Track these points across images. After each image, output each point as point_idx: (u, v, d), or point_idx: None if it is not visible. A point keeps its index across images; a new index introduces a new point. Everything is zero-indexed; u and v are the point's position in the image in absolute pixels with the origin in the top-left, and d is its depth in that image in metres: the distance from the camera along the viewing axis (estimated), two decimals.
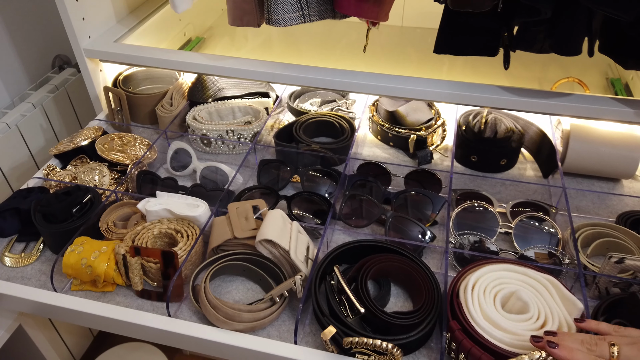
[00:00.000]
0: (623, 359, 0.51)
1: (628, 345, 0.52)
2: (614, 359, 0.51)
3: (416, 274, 0.70)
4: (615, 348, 0.51)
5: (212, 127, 0.96)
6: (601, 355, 0.52)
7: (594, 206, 0.85)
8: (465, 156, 0.94)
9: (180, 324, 0.67)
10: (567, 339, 0.55)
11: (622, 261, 0.65)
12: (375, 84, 0.91)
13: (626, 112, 0.81)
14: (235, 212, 0.77)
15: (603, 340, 0.53)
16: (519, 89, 0.87)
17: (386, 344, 0.59)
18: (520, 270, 0.67)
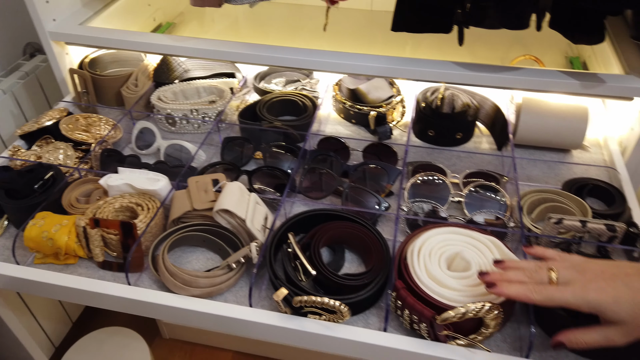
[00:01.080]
0: (562, 282, 0.53)
1: (567, 269, 0.54)
2: (553, 283, 0.54)
3: (368, 239, 0.73)
4: (553, 273, 0.54)
5: (176, 106, 0.98)
6: (541, 281, 0.55)
7: (543, 175, 0.88)
8: (423, 131, 0.97)
9: (139, 291, 0.69)
10: (510, 272, 0.58)
11: (561, 222, 0.69)
12: (337, 62, 0.93)
13: (573, 84, 0.85)
14: (195, 185, 0.79)
15: (544, 266, 0.56)
16: (474, 64, 0.90)
17: (334, 302, 0.61)
18: (465, 232, 0.70)
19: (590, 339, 0.53)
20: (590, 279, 0.52)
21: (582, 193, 0.81)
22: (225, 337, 1.58)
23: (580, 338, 0.54)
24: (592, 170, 0.88)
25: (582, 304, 0.52)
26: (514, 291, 0.54)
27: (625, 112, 0.92)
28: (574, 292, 0.52)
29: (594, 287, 0.51)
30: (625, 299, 0.50)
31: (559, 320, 0.62)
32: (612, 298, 0.50)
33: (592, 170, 0.88)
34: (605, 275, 0.52)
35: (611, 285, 0.51)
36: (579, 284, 0.52)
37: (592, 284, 0.52)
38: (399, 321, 0.66)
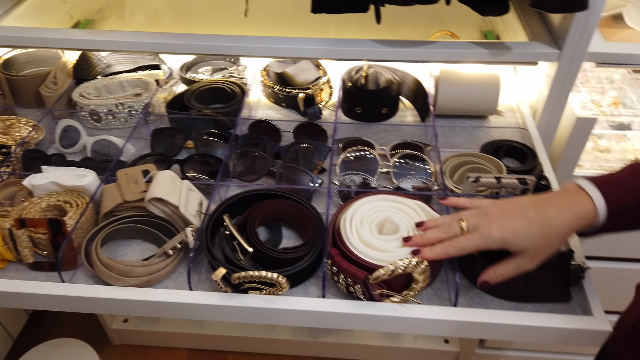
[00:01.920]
0: (471, 229, 0.59)
1: (474, 216, 0.60)
2: (464, 232, 0.59)
3: (303, 214, 0.75)
4: (463, 222, 0.59)
5: (100, 102, 0.96)
6: (454, 234, 0.60)
7: (463, 141, 0.94)
8: (350, 109, 1.00)
9: (74, 287, 0.68)
10: (429, 232, 0.63)
11: (478, 180, 0.74)
12: (262, 46, 0.94)
13: (483, 53, 0.90)
14: (125, 177, 0.78)
15: (456, 218, 0.61)
16: (393, 41, 0.94)
17: (271, 274, 0.63)
18: (394, 199, 0.74)
19: (505, 271, 0.59)
20: (493, 219, 0.58)
21: (499, 154, 0.87)
22: (178, 337, 1.57)
23: (498, 272, 0.60)
24: (507, 133, 0.95)
25: (490, 244, 0.57)
26: (434, 253, 0.60)
27: (533, 77, 1.00)
28: (481, 235, 0.58)
29: (496, 227, 0.57)
30: (523, 230, 0.56)
31: (477, 265, 0.67)
32: (512, 232, 0.56)
33: (507, 132, 0.95)
34: (505, 214, 0.58)
35: (510, 221, 0.57)
36: (484, 227, 0.58)
37: (494, 223, 0.57)
38: (337, 287, 0.68)
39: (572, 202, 0.56)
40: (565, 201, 0.57)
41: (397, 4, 0.91)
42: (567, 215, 0.56)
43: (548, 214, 0.56)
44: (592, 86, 1.20)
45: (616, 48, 0.89)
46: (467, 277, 0.70)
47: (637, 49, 0.89)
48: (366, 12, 0.92)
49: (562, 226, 0.56)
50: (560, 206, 0.56)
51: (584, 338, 0.63)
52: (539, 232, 0.56)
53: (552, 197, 0.58)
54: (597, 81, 1.21)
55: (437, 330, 0.65)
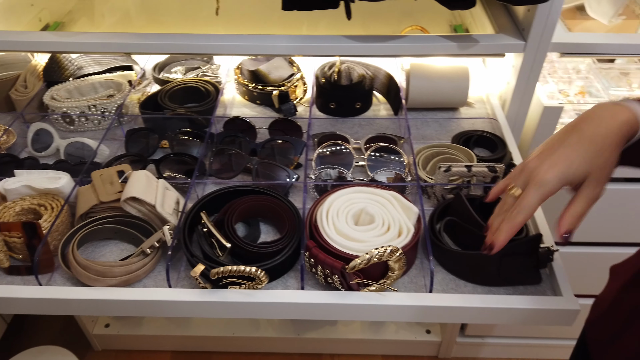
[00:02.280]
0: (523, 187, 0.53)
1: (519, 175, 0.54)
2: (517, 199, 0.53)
3: (280, 209, 0.76)
4: (513, 190, 0.54)
5: (71, 104, 0.95)
6: (510, 206, 0.54)
7: (435, 132, 0.96)
8: (324, 104, 1.01)
9: (52, 290, 0.68)
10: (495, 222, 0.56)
11: (449, 169, 0.76)
12: (235, 44, 0.94)
13: (451, 46, 0.92)
14: (100, 178, 0.78)
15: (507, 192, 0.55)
16: (364, 36, 0.95)
17: (250, 268, 0.64)
18: (368, 190, 0.75)
19: (579, 208, 0.53)
20: (539, 164, 0.52)
21: (469, 144, 0.89)
22: (161, 339, 1.56)
23: (574, 213, 0.53)
24: (478, 123, 0.97)
25: (550, 188, 0.52)
26: (503, 234, 0.54)
27: (501, 68, 1.02)
28: (536, 185, 0.52)
29: (545, 169, 0.52)
30: (575, 157, 0.51)
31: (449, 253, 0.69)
32: (565, 165, 0.51)
33: (478, 123, 0.97)
34: (547, 153, 0.53)
35: (558, 156, 0.52)
36: (534, 177, 0.52)
37: (542, 167, 0.52)
38: (315, 279, 0.69)
39: (611, 112, 0.52)
40: (603, 112, 0.53)
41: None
42: (610, 123, 0.52)
43: (590, 130, 0.52)
44: (559, 76, 1.23)
45: (579, 38, 0.92)
46: (441, 264, 0.72)
47: (598, 38, 0.92)
48: (337, 8, 0.94)
49: (609, 135, 0.51)
50: (599, 118, 0.52)
51: (555, 318, 0.65)
52: (590, 150, 0.51)
53: (587, 114, 0.54)
54: (564, 71, 1.25)
55: (414, 317, 0.67)
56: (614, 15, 0.99)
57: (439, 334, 1.55)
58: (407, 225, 0.70)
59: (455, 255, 0.70)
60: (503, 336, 1.51)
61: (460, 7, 0.93)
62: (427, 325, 1.56)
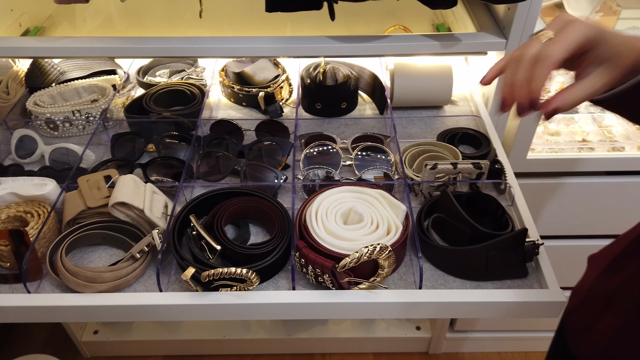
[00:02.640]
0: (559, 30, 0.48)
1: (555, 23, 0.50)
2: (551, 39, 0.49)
3: (269, 210, 0.76)
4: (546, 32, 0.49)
5: (55, 109, 0.94)
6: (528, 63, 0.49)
7: (421, 131, 0.97)
8: (310, 105, 1.02)
9: (41, 297, 0.67)
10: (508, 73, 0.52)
11: (435, 167, 0.77)
12: (219, 46, 0.94)
13: (434, 45, 0.93)
14: (86, 184, 0.77)
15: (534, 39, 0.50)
16: (348, 36, 0.96)
17: (240, 270, 0.64)
18: (356, 189, 0.76)
19: (584, 92, 0.49)
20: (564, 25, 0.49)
21: (454, 141, 0.90)
22: (151, 344, 1.55)
23: (574, 96, 0.49)
24: (462, 121, 0.98)
25: (590, 33, 0.48)
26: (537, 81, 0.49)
27: (484, 66, 1.04)
28: (579, 25, 0.48)
29: (587, 23, 0.48)
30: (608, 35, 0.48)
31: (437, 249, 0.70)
32: (597, 28, 0.48)
33: (462, 120, 0.99)
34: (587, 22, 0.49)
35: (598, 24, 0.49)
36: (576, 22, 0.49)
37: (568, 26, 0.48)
38: (306, 279, 0.70)
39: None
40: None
41: (349, 0, 0.93)
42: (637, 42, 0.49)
43: (623, 34, 0.49)
44: None
45: None
46: (430, 260, 0.73)
47: None
48: (320, 9, 0.94)
49: (632, 40, 0.48)
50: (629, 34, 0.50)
51: (541, 310, 0.67)
52: (621, 40, 0.48)
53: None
54: None
55: (405, 313, 0.68)
56: (592, 12, 1.01)
57: (429, 330, 1.56)
58: (396, 223, 0.71)
59: (444, 251, 0.71)
60: (491, 330, 1.53)
61: (442, 6, 0.94)
62: (417, 322, 1.57)
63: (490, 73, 0.57)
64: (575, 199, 1.14)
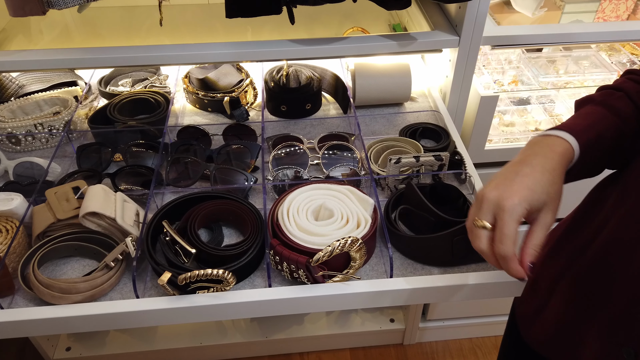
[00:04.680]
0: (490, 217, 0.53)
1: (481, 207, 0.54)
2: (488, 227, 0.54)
3: (241, 211, 0.78)
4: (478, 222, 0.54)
5: (16, 124, 0.93)
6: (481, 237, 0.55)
7: (384, 127, 1.01)
8: (276, 107, 1.04)
9: (15, 312, 0.67)
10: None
11: (399, 161, 0.80)
12: (181, 53, 0.95)
13: (391, 44, 0.97)
14: (55, 196, 0.77)
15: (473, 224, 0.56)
16: (309, 39, 0.98)
17: (217, 271, 0.66)
18: (325, 187, 0.79)
19: (540, 238, 0.55)
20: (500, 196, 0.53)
21: (416, 135, 0.94)
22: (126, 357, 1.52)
23: (534, 245, 0.54)
24: (422, 116, 1.03)
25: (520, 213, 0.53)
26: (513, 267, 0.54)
27: (440, 63, 1.08)
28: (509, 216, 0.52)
29: (511, 197, 0.53)
30: (532, 185, 0.53)
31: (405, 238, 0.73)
32: (528, 192, 0.52)
33: (422, 116, 1.03)
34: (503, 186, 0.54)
35: (517, 187, 0.53)
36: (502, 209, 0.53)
37: (506, 197, 0.53)
38: (282, 276, 0.72)
39: (550, 145, 0.56)
40: (543, 148, 0.56)
41: (307, 4, 0.95)
42: (554, 156, 0.55)
43: (540, 163, 0.55)
44: (493, 67, 1.32)
45: (507, 31, 0.99)
46: (399, 250, 0.76)
47: (524, 30, 1.00)
48: (280, 13, 0.96)
49: (556, 168, 0.55)
50: (543, 153, 0.56)
51: (504, 290, 0.71)
52: (545, 180, 0.53)
53: (528, 151, 0.57)
54: (497, 63, 1.34)
55: (378, 302, 0.70)
56: (537, 8, 1.07)
57: (403, 322, 1.60)
58: (365, 216, 0.74)
59: (411, 240, 0.74)
60: (462, 317, 1.58)
61: (397, 7, 0.98)
62: (391, 314, 1.61)
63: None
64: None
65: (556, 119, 1.24)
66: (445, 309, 1.54)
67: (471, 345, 1.65)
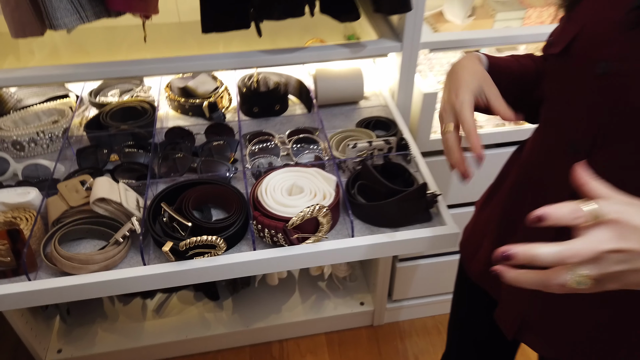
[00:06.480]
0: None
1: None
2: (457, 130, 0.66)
3: (227, 193, 0.93)
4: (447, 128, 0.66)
5: (21, 132, 1.05)
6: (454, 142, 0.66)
7: (343, 122, 1.18)
8: (249, 109, 1.19)
9: (43, 282, 0.80)
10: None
11: (356, 145, 0.97)
12: (165, 65, 1.09)
13: (345, 51, 1.14)
14: (65, 188, 0.90)
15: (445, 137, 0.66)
16: (276, 49, 1.15)
17: (212, 237, 0.81)
18: (296, 169, 0.95)
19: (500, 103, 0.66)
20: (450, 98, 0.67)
21: (369, 127, 1.12)
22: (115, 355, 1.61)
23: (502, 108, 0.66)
24: (375, 111, 1.20)
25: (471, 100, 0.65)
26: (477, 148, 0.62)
27: (388, 66, 1.27)
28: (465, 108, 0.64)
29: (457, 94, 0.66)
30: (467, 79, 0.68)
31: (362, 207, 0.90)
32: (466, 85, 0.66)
33: (375, 111, 1.21)
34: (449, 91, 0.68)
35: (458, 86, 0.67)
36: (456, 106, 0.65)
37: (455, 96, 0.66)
38: (264, 242, 0.87)
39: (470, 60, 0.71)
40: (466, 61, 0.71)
41: (272, 19, 1.12)
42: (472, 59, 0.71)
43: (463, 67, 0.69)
44: (437, 70, 1.51)
45: (441, 37, 1.19)
46: (358, 217, 0.92)
47: (455, 36, 1.19)
48: (249, 28, 1.12)
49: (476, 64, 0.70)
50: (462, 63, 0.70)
51: (444, 242, 0.88)
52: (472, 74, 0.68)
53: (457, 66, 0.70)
54: (440, 66, 1.53)
55: (344, 257, 0.86)
56: (464, 17, 1.27)
57: (371, 304, 1.76)
58: (330, 191, 0.90)
59: (367, 207, 0.91)
60: (423, 296, 1.75)
61: (349, 19, 1.15)
62: (360, 298, 1.77)
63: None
64: (473, 170, 1.39)
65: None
66: (408, 289, 1.71)
67: (434, 322, 1.81)
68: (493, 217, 0.79)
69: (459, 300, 0.96)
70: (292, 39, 1.47)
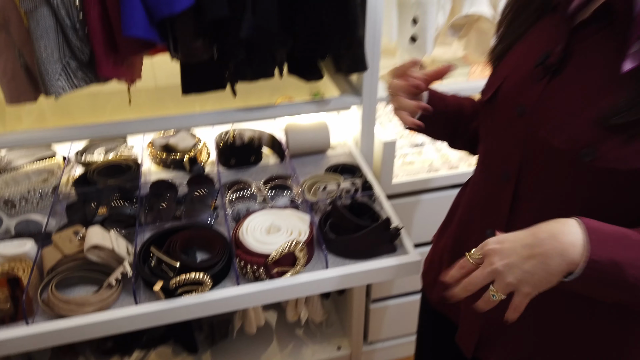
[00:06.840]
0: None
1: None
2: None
3: (211, 235, 1.02)
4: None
5: (13, 190, 1.13)
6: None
7: (313, 169, 1.30)
8: (227, 161, 1.30)
9: (42, 325, 0.85)
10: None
11: (325, 188, 1.09)
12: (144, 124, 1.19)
13: (311, 107, 1.28)
14: (60, 238, 0.97)
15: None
16: (249, 108, 1.27)
17: (199, 274, 0.89)
18: (273, 211, 1.05)
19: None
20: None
21: (337, 171, 1.24)
22: None
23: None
24: (341, 158, 1.33)
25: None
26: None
27: (351, 118, 1.41)
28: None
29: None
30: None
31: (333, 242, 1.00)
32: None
33: (341, 158, 1.34)
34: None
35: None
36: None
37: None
38: (246, 278, 0.96)
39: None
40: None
41: (246, 80, 1.25)
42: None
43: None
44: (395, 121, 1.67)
45: None
46: (331, 251, 1.02)
47: None
48: (225, 88, 1.25)
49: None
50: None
51: (407, 269, 0.98)
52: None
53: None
54: None
55: (319, 289, 0.95)
56: None
57: (348, 347, 1.81)
58: (304, 229, 1.00)
59: (338, 241, 1.01)
60: (397, 337, 1.81)
61: (313, 79, 1.30)
62: (337, 342, 1.81)
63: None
64: (431, 210, 1.52)
65: (445, 155, 1.58)
66: (382, 331, 1.77)
67: None
68: (447, 247, 0.90)
69: (424, 328, 1.04)
70: (263, 97, 1.61)
